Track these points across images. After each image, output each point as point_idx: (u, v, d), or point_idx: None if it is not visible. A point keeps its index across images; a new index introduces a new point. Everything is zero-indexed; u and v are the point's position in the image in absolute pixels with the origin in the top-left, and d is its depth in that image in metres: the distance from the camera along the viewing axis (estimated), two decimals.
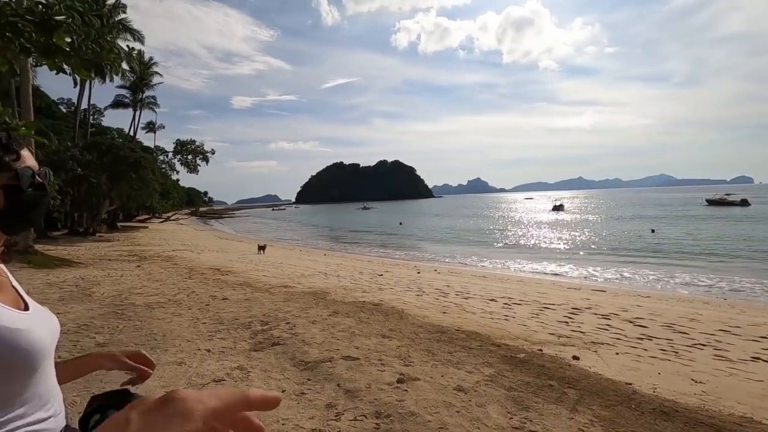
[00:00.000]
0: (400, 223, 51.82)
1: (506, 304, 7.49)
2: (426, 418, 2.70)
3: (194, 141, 37.51)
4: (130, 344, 4.23)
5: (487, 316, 6.17)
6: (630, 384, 3.53)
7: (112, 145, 24.61)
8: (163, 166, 41.26)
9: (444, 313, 6.22)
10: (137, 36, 29.34)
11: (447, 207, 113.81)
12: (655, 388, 3.47)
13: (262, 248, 19.52)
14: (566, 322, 6.10)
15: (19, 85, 13.34)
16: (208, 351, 4.02)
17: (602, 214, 56.59)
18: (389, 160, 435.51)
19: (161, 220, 57.56)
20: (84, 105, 32.97)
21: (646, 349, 4.76)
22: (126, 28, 28.82)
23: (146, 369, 1.00)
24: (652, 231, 30.58)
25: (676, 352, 4.68)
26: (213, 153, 37.01)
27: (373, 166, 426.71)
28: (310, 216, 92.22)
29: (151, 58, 40.80)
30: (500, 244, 27.44)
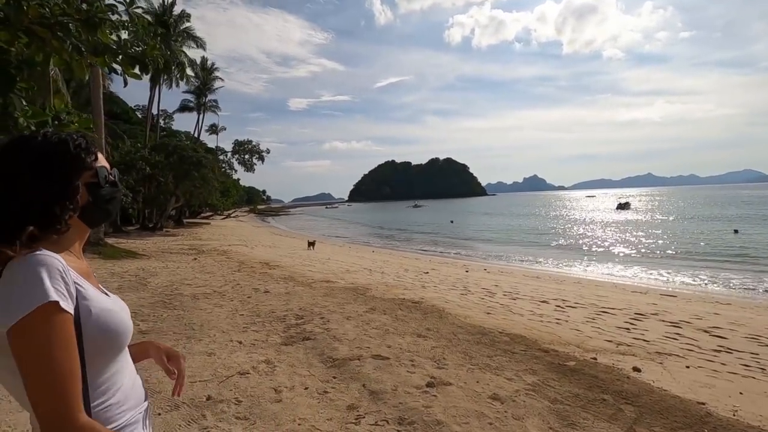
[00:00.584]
0: (451, 221, 50.88)
1: (559, 306, 6.92)
2: (453, 429, 2.43)
3: (251, 141, 39.25)
4: (170, 333, 4.33)
5: (536, 319, 5.70)
6: (703, 404, 3.00)
7: (177, 146, 26.31)
8: (223, 165, 43.63)
9: (488, 313, 5.84)
10: (199, 43, 31.15)
11: (500, 205, 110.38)
12: (736, 411, 2.93)
13: (311, 244, 19.89)
14: (627, 329, 5.48)
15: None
16: (240, 343, 3.99)
17: (675, 213, 51.89)
18: (441, 157, 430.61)
19: (223, 217, 60.81)
20: (155, 110, 35.59)
21: (724, 364, 4.10)
22: (190, 36, 30.71)
23: (173, 374, 1.09)
24: (735, 232, 27.46)
25: (763, 369, 3.99)
26: (268, 152, 38.51)
27: (425, 164, 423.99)
28: (362, 214, 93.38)
29: (212, 64, 43.23)
30: (556, 244, 25.99)
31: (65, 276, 0.74)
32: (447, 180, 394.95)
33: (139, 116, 61.52)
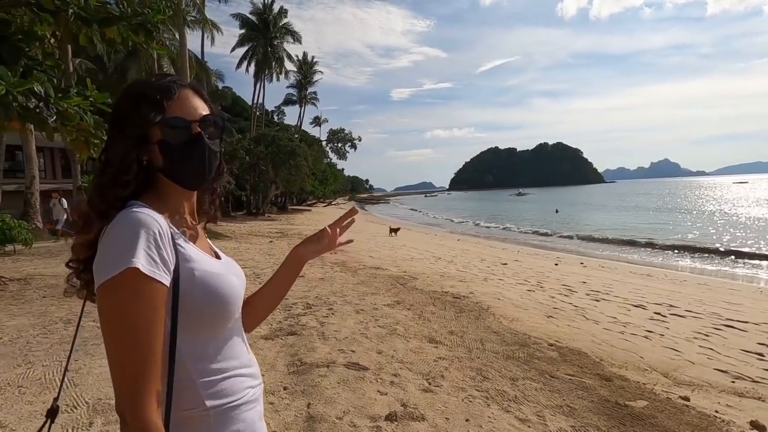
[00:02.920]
0: (556, 211, 46.39)
1: (659, 314, 5.26)
2: None
3: (343, 129, 40.20)
4: None
5: (616, 329, 4.28)
6: None
7: (275, 136, 27.93)
8: (328, 154, 45.62)
9: (549, 317, 4.58)
10: (296, 37, 32.56)
11: (614, 194, 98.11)
12: None
13: (394, 231, 19.37)
14: (761, 355, 3.79)
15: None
16: None
17: None
18: (550, 142, 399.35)
19: (325, 204, 64.27)
20: (266, 104, 38.36)
21: None
22: (288, 31, 32.26)
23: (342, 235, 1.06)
24: None
25: None
26: (359, 140, 39.05)
27: (532, 149, 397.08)
28: (461, 202, 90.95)
29: (313, 57, 45.09)
30: (681, 237, 21.71)
31: (161, 238, 0.67)
32: (557, 166, 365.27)
33: (257, 113, 67.90)
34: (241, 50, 31.76)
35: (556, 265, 11.83)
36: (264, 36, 30.84)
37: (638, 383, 2.88)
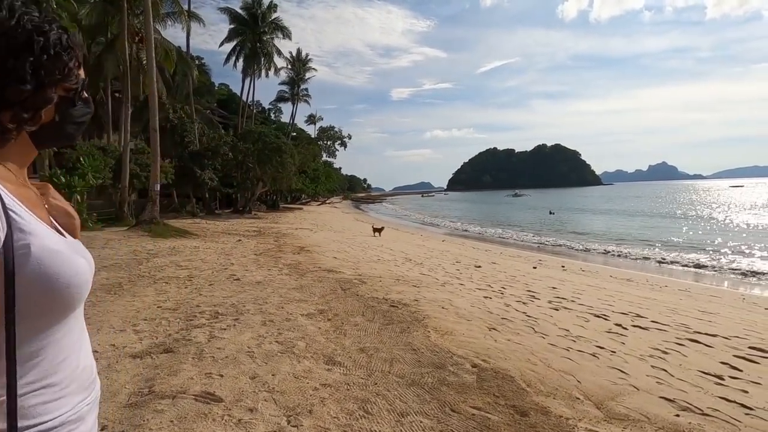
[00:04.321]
0: (551, 213, 45.95)
1: (619, 325, 4.77)
2: None
3: (333, 127, 39.70)
4: None
5: (561, 345, 3.79)
6: None
7: (262, 133, 27.36)
8: (323, 150, 44.88)
9: (491, 329, 4.08)
10: (286, 33, 31.98)
11: (612, 196, 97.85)
12: None
13: (378, 230, 18.80)
14: (720, 379, 3.31)
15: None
16: (96, 351, 3.01)
17: None
18: (549, 143, 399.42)
19: (319, 203, 63.75)
20: (259, 102, 37.69)
21: None
22: (278, 27, 31.70)
23: None
24: None
25: None
26: (349, 138, 38.51)
27: (530, 151, 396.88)
28: (456, 203, 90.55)
29: (306, 54, 44.50)
30: (672, 240, 21.28)
31: None
32: (555, 168, 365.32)
33: (253, 110, 67.22)
34: (231, 45, 31.23)
35: (535, 268, 11.35)
36: (252, 31, 30.28)
37: (560, 418, 2.39)
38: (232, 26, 30.51)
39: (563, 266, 12.68)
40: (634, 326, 4.79)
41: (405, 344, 3.32)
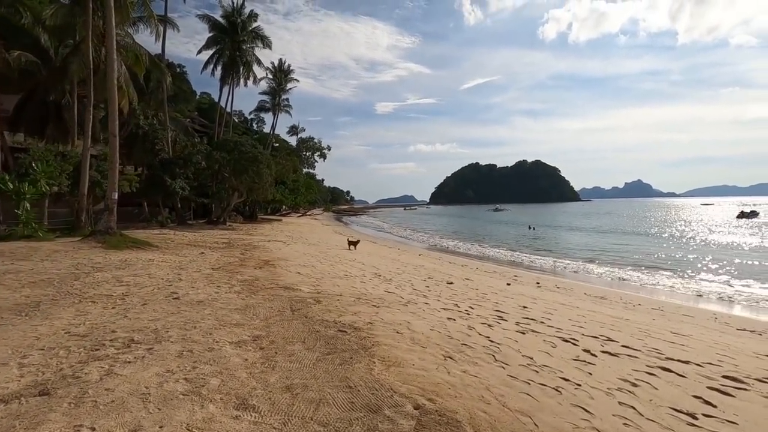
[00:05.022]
0: (530, 228, 46.23)
1: (588, 351, 4.42)
2: None
3: (312, 138, 39.22)
4: None
5: (522, 377, 3.40)
6: None
7: (238, 142, 26.70)
8: (304, 161, 44.22)
9: (447, 357, 3.67)
10: (266, 42, 31.61)
11: (591, 212, 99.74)
12: None
13: (353, 244, 18.31)
14: (694, 416, 2.96)
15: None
16: None
17: None
18: (529, 160, 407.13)
19: (299, 214, 62.84)
20: (230, 109, 36.84)
21: None
22: (258, 36, 31.32)
23: None
24: None
25: None
26: (329, 149, 38.06)
27: (512, 166, 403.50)
28: (437, 216, 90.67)
29: (289, 65, 44.11)
30: (646, 257, 21.43)
31: None
32: (535, 183, 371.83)
33: (236, 120, 66.06)
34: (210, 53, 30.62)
35: (509, 285, 11.05)
36: (232, 39, 29.81)
37: None
38: (210, 34, 30.01)
39: (538, 283, 12.44)
40: (604, 352, 4.45)
41: (341, 380, 2.87)
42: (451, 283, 9.59)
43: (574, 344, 4.69)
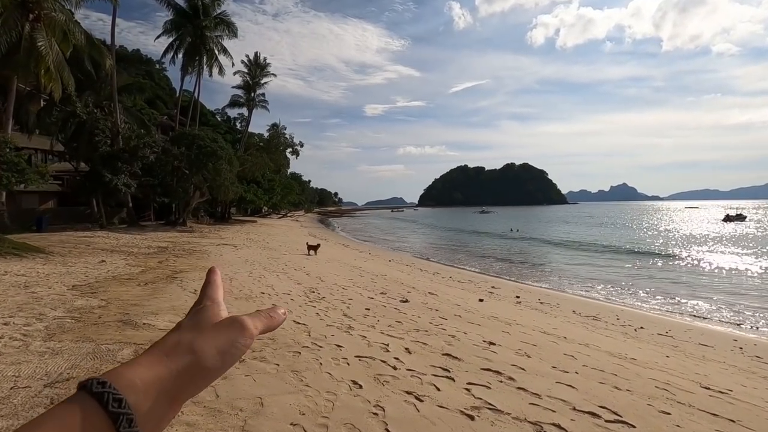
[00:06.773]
0: (513, 230, 44.52)
1: (568, 385, 2.32)
2: None
3: (284, 133, 36.86)
4: None
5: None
6: None
7: (196, 135, 24.26)
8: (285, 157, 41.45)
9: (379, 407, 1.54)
10: (232, 29, 29.25)
11: (576, 214, 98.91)
12: None
13: (313, 248, 15.98)
14: None
15: None
16: None
17: None
18: (517, 163, 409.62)
19: (279, 216, 60.31)
20: (205, 104, 34.26)
21: None
22: (223, 22, 28.95)
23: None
24: None
25: None
26: (301, 146, 35.76)
27: (500, 169, 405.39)
28: (423, 218, 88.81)
29: (265, 59, 41.64)
30: (637, 262, 19.66)
31: None
32: (522, 186, 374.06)
33: (219, 119, 63.04)
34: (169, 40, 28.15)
35: (481, 300, 8.94)
36: (193, 24, 27.39)
37: None
38: (170, 18, 27.54)
39: (518, 297, 10.39)
40: (567, 384, 2.36)
41: None
42: (406, 301, 7.46)
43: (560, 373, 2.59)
